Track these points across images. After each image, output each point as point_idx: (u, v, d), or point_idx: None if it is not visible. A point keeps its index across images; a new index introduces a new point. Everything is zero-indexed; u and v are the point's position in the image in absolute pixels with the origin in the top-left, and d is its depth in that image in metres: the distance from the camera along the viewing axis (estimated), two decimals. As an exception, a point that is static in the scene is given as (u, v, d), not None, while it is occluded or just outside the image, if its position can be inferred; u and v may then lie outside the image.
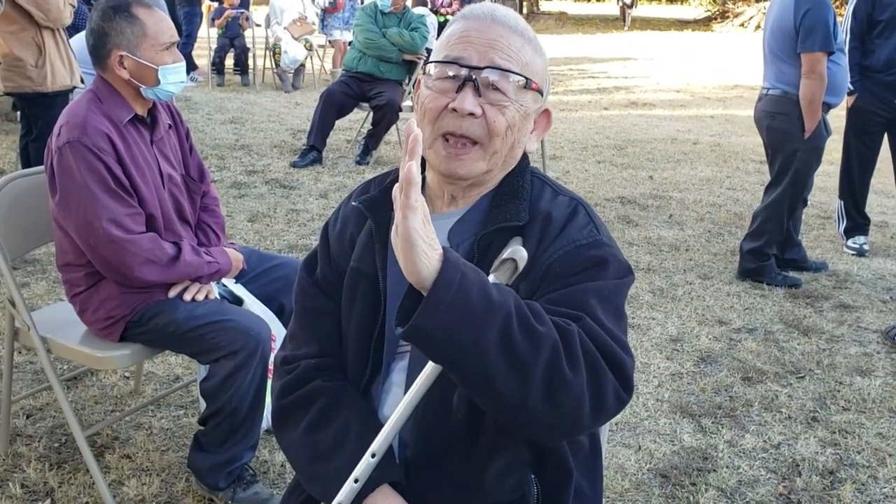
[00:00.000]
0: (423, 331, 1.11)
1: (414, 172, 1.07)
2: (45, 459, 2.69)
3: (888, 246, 5.40)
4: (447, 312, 1.10)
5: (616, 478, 2.73)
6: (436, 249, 1.12)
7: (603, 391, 1.21)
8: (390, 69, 6.84)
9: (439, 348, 1.14)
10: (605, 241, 1.38)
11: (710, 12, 29.33)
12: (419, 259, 1.10)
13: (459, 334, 1.11)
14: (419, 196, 1.10)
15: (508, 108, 1.36)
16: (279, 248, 4.80)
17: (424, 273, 1.11)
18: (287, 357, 1.54)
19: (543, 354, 1.15)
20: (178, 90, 2.51)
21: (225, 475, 2.49)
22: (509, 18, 1.38)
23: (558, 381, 1.16)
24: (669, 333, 3.87)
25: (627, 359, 1.26)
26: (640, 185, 6.68)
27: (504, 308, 1.14)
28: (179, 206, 2.58)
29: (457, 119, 1.35)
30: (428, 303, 1.10)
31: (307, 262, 1.59)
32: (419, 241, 1.10)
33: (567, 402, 1.18)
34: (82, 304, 2.49)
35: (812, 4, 4.10)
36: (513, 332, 1.14)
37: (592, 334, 1.23)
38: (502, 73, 1.34)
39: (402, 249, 1.11)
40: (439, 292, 1.10)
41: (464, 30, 1.38)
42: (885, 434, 3.08)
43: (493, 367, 1.13)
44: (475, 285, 1.13)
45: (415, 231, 1.09)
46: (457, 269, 1.13)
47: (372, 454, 1.29)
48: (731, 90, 12.90)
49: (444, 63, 1.37)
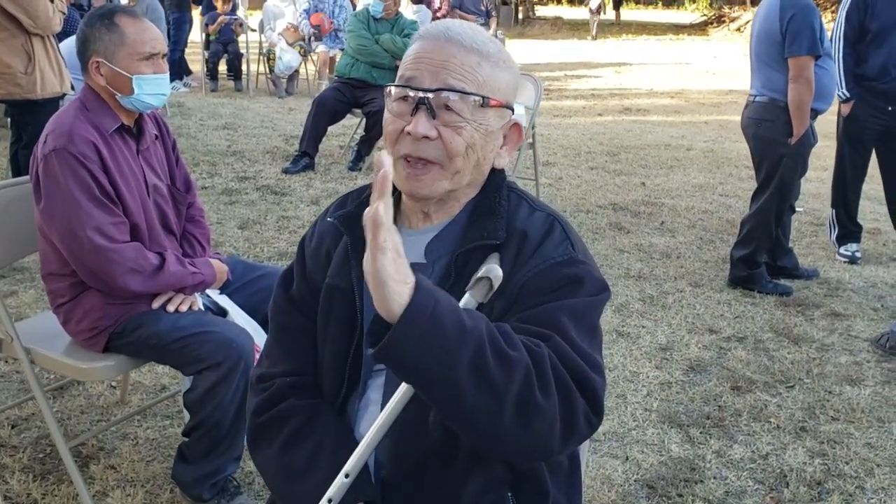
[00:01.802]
0: (393, 355, 1.11)
1: (381, 214, 1.06)
2: (28, 470, 2.68)
3: (880, 253, 5.40)
4: (419, 337, 1.10)
5: (602, 489, 2.71)
6: (407, 283, 1.11)
7: (573, 415, 1.21)
8: (383, 75, 6.82)
9: (411, 373, 1.13)
10: (581, 258, 1.37)
11: (705, 17, 29.40)
12: (390, 297, 1.09)
13: (431, 361, 1.11)
14: (388, 235, 1.08)
15: (465, 128, 1.34)
16: (269, 255, 4.79)
17: (395, 309, 1.09)
18: (262, 375, 1.53)
19: (516, 380, 1.15)
20: (159, 103, 2.48)
21: (209, 487, 2.48)
22: (465, 36, 1.35)
23: (531, 407, 1.16)
24: (659, 342, 3.86)
25: (598, 380, 1.25)
26: (632, 192, 6.68)
27: (476, 334, 1.14)
28: (164, 216, 2.57)
29: (413, 142, 1.34)
30: (399, 327, 1.09)
31: (283, 277, 1.57)
32: (389, 282, 1.08)
33: (539, 427, 1.17)
34: (66, 315, 2.47)
35: (797, 9, 4.10)
36: (486, 358, 1.13)
37: (562, 354, 1.23)
38: (456, 94, 1.32)
39: (373, 288, 1.09)
40: (412, 316, 1.09)
41: (418, 51, 1.37)
42: (874, 444, 3.07)
43: (466, 393, 1.13)
44: (448, 312, 1.13)
45: (385, 272, 1.08)
46: (430, 295, 1.12)
47: (346, 474, 1.28)
48: (725, 96, 12.91)
49: (399, 86, 1.36)
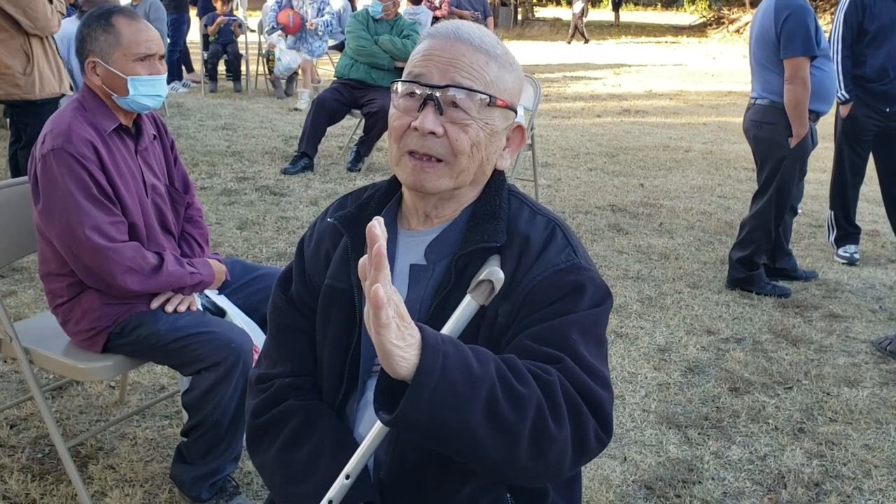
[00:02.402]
0: (409, 420, 1.11)
1: (381, 296, 1.05)
2: (27, 470, 2.68)
3: (879, 255, 5.40)
4: (432, 398, 1.10)
5: (601, 489, 2.72)
6: (412, 345, 1.11)
7: (585, 438, 1.22)
8: (382, 76, 6.83)
9: (427, 433, 1.14)
10: (584, 264, 1.38)
11: (704, 18, 29.37)
12: (397, 363, 1.09)
13: (446, 417, 1.11)
14: (390, 313, 1.07)
15: (471, 126, 1.35)
16: (268, 256, 4.79)
17: (403, 372, 1.10)
18: (261, 376, 1.53)
19: (529, 417, 1.16)
20: (155, 104, 2.48)
21: (208, 487, 2.49)
22: (474, 36, 1.36)
23: (544, 438, 1.17)
24: (657, 343, 3.87)
25: (606, 396, 1.26)
26: (631, 193, 6.68)
27: (487, 380, 1.14)
28: (163, 216, 2.57)
29: (419, 138, 1.34)
30: (411, 393, 1.10)
31: (282, 278, 1.58)
32: (395, 351, 1.09)
33: (552, 456, 1.19)
34: (65, 315, 2.47)
35: (792, 10, 4.10)
36: (498, 403, 1.14)
37: (573, 378, 1.24)
38: (464, 92, 1.33)
39: (379, 354, 1.10)
40: (423, 380, 1.10)
41: (427, 48, 1.37)
42: (872, 445, 3.07)
43: (482, 440, 1.14)
44: (457, 364, 1.13)
45: (389, 343, 1.08)
46: (437, 352, 1.12)
47: (346, 475, 1.28)
48: (724, 97, 12.92)
49: (407, 82, 1.37)
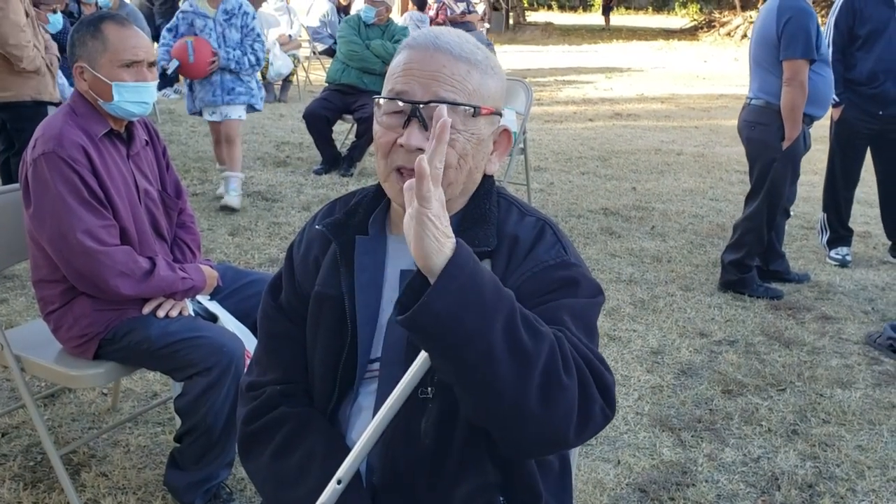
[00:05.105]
0: (430, 311, 1.09)
1: (424, 166, 1.08)
2: (19, 479, 2.67)
3: (871, 256, 5.42)
4: (460, 292, 1.10)
5: (595, 493, 2.72)
6: (449, 237, 1.12)
7: (590, 403, 1.21)
8: (374, 81, 6.83)
9: (443, 332, 1.11)
10: (573, 261, 1.38)
11: (695, 22, 29.43)
12: (430, 243, 1.10)
13: (466, 318, 1.10)
14: (432, 188, 1.10)
15: (458, 139, 1.33)
16: (260, 262, 4.78)
17: (435, 258, 1.10)
18: (252, 383, 1.53)
19: (544, 351, 1.15)
20: (141, 111, 2.45)
21: (201, 493, 2.48)
22: (453, 44, 1.35)
23: (554, 383, 1.16)
24: (650, 346, 3.87)
25: (608, 375, 1.26)
26: (623, 197, 6.70)
27: (510, 300, 1.15)
28: (155, 221, 2.56)
29: (407, 154, 1.33)
30: (441, 281, 1.10)
31: (272, 285, 1.57)
32: (431, 227, 1.10)
33: (561, 409, 1.17)
34: (56, 322, 2.47)
35: (794, 13, 4.11)
36: (517, 325, 1.13)
37: (575, 345, 1.23)
38: (447, 106, 1.31)
39: (415, 233, 1.10)
40: (453, 271, 1.10)
41: (407, 61, 1.36)
42: (865, 446, 3.08)
43: (496, 356, 1.12)
44: (487, 274, 1.14)
45: (428, 216, 1.09)
46: (470, 255, 1.13)
47: (338, 481, 1.28)
48: (716, 100, 12.94)
49: (389, 99, 1.36)
